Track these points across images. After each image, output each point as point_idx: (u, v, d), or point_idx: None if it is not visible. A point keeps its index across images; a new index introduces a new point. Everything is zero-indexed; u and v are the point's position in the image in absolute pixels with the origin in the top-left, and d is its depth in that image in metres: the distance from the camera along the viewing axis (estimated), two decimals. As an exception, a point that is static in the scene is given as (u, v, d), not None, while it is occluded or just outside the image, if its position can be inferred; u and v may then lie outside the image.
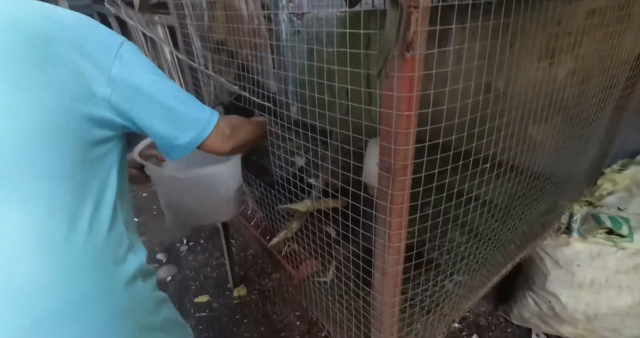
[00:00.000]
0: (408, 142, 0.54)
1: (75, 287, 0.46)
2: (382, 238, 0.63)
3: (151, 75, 0.53)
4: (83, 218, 0.47)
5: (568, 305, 1.15)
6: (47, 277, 0.44)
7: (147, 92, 0.51)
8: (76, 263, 0.46)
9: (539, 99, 0.94)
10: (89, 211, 0.47)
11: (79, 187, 0.46)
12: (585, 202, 1.27)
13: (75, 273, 0.46)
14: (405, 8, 0.43)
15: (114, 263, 0.50)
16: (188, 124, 0.57)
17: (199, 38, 1.25)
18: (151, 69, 0.54)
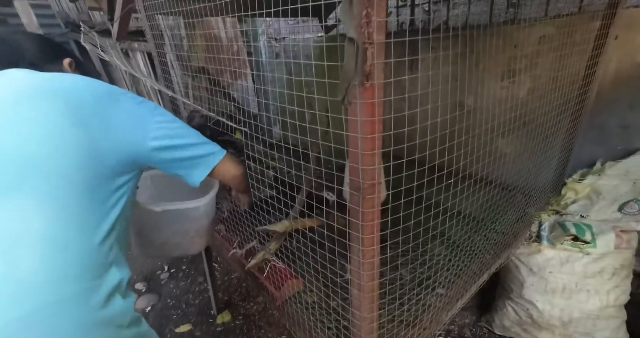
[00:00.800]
0: (374, 162, 0.58)
1: (66, 287, 0.49)
2: (357, 255, 0.65)
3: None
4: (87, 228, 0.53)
5: (544, 312, 1.18)
6: (44, 273, 0.48)
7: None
8: (72, 265, 0.51)
9: (503, 114, 1.02)
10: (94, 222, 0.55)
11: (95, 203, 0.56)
12: (552, 210, 1.34)
13: (69, 273, 0.50)
14: (361, 44, 0.48)
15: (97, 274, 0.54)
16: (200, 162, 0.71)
17: (179, 66, 1.29)
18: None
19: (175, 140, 0.67)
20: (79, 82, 0.61)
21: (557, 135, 1.25)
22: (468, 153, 0.82)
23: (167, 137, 0.66)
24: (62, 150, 0.52)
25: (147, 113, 0.65)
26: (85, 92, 0.59)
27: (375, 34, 0.48)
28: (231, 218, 1.13)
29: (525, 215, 1.25)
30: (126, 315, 0.57)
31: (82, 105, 0.57)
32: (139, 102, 0.65)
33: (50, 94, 0.56)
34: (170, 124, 0.67)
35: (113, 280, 0.56)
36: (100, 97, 0.60)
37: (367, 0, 0.44)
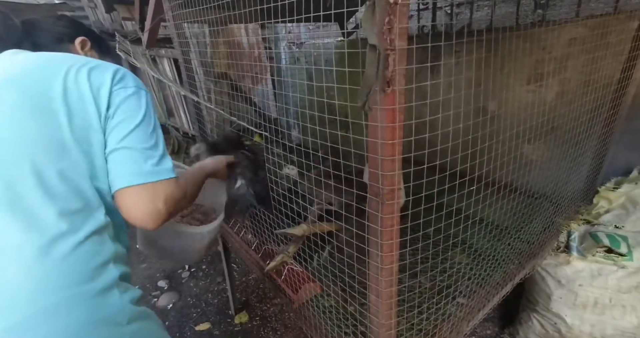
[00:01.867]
0: (394, 168, 0.58)
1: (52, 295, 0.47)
2: (375, 261, 0.65)
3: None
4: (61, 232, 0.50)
5: (574, 327, 1.12)
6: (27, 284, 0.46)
7: None
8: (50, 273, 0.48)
9: (528, 119, 0.98)
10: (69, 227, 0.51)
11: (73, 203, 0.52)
12: (582, 220, 1.27)
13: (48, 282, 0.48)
14: (383, 51, 0.48)
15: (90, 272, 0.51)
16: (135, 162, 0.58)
17: (202, 71, 1.34)
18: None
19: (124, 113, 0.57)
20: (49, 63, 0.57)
21: (588, 141, 1.19)
22: (492, 159, 0.80)
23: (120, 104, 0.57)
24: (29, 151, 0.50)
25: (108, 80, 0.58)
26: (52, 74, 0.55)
27: (397, 40, 0.48)
28: (250, 221, 1.15)
29: (553, 224, 1.20)
30: (124, 311, 0.54)
31: (43, 90, 0.53)
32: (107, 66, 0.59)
33: (6, 84, 0.52)
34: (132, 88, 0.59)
35: (108, 278, 0.53)
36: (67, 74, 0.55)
37: (389, 8, 0.44)
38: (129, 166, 0.55)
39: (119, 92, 0.58)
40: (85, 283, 0.50)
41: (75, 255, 0.50)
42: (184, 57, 1.32)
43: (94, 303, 0.50)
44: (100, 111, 0.56)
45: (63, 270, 0.49)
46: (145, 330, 0.58)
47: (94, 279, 0.51)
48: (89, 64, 0.59)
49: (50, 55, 0.61)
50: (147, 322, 0.59)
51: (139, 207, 0.56)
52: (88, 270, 0.51)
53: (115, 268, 0.55)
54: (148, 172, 0.56)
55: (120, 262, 0.57)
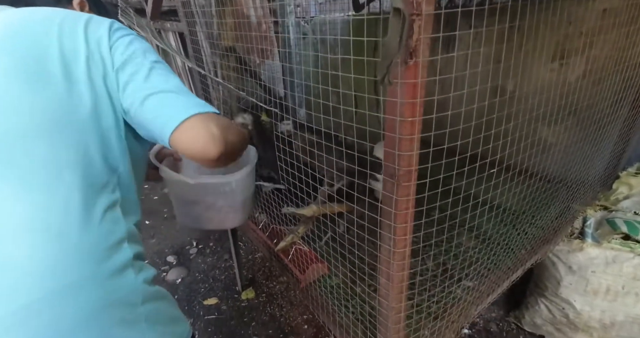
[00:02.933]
0: (412, 148, 0.54)
1: (64, 274, 0.46)
2: (387, 244, 0.63)
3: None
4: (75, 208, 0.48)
5: (583, 312, 1.11)
6: (42, 262, 0.45)
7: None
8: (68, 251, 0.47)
9: (550, 100, 0.92)
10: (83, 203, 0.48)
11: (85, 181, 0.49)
12: (599, 206, 1.23)
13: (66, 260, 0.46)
14: (408, 16, 0.43)
15: (104, 251, 0.49)
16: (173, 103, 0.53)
17: (208, 45, 1.28)
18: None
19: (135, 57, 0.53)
20: (36, 19, 0.51)
21: (613, 124, 1.12)
22: (508, 143, 0.75)
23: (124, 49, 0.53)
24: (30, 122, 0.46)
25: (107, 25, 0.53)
26: (43, 32, 0.49)
27: (424, 4, 0.43)
28: (259, 200, 1.13)
29: (569, 210, 1.16)
30: (138, 291, 0.53)
31: (38, 52, 0.48)
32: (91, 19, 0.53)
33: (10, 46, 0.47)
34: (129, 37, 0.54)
35: (123, 258, 0.51)
36: (61, 32, 0.50)
37: (419, -36, 0.39)
38: (173, 106, 0.52)
39: (119, 42, 0.53)
40: (100, 263, 0.48)
41: (91, 233, 0.48)
42: (189, 28, 1.26)
43: (109, 283, 0.49)
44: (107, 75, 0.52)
45: (78, 250, 0.47)
46: (159, 310, 0.57)
47: (109, 259, 0.49)
48: (82, 17, 0.53)
49: (36, 12, 0.53)
50: (161, 302, 0.58)
51: (198, 137, 0.51)
52: (103, 249, 0.49)
53: (130, 248, 0.53)
54: (193, 104, 0.52)
55: (133, 240, 0.55)
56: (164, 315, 0.58)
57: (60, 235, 0.46)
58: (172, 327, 0.59)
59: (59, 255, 0.46)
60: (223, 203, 0.88)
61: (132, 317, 0.51)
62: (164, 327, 0.57)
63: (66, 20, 0.52)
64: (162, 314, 0.57)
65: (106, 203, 0.51)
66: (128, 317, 0.51)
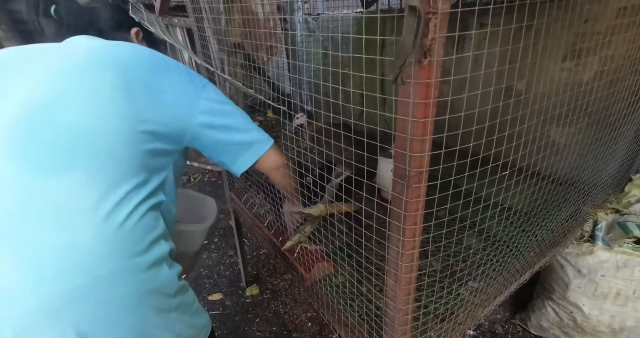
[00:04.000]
0: (424, 149, 0.53)
1: (117, 260, 0.51)
2: (396, 245, 0.62)
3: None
4: (130, 202, 0.53)
5: (591, 317, 1.10)
6: (97, 246, 0.49)
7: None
8: (121, 239, 0.52)
9: (563, 101, 0.90)
10: (137, 198, 0.54)
11: (139, 178, 0.56)
12: (611, 209, 1.21)
13: (118, 247, 0.51)
14: (423, 14, 0.42)
15: (147, 244, 0.55)
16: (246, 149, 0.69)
17: (215, 41, 1.27)
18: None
19: (223, 120, 0.65)
20: (135, 50, 0.60)
21: (627, 126, 1.10)
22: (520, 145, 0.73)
23: (215, 114, 0.64)
24: (109, 124, 0.52)
25: (198, 86, 0.63)
26: (137, 59, 0.58)
27: (440, 2, 0.42)
28: (265, 199, 1.13)
29: (579, 213, 1.14)
30: (172, 284, 0.59)
31: (131, 72, 0.56)
32: (190, 74, 0.64)
33: (105, 64, 0.55)
34: (221, 102, 0.66)
35: (160, 251, 0.57)
36: (151, 66, 0.59)
37: (437, -39, 0.38)
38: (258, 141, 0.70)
39: (211, 103, 0.64)
40: (140, 255, 0.53)
41: (137, 226, 0.54)
42: (197, 25, 1.26)
43: (148, 274, 0.54)
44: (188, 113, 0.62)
45: (125, 239, 0.52)
46: (187, 302, 0.63)
47: (149, 251, 0.55)
48: (175, 65, 0.63)
49: (133, 45, 0.63)
50: (187, 295, 0.64)
51: (279, 159, 0.73)
52: (145, 242, 0.54)
53: (167, 244, 0.59)
54: (268, 139, 0.71)
55: (168, 238, 0.61)
56: (190, 307, 0.65)
57: (114, 224, 0.51)
58: (197, 318, 0.66)
59: (112, 241, 0.51)
60: (183, 249, 0.91)
61: (166, 306, 0.57)
62: (190, 317, 0.63)
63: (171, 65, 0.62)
64: (189, 306, 0.64)
65: (153, 202, 0.58)
66: (162, 306, 0.56)
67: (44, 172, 0.48)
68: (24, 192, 0.48)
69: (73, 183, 0.49)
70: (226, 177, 1.47)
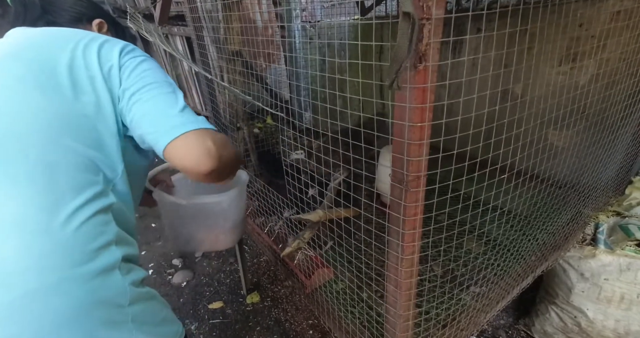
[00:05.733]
0: (421, 153, 0.53)
1: (49, 272, 0.46)
2: (395, 251, 0.61)
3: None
4: (66, 208, 0.49)
5: (596, 321, 1.08)
6: (24, 261, 0.45)
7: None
8: (54, 249, 0.47)
9: (560, 104, 0.91)
10: (74, 203, 0.49)
11: (74, 182, 0.50)
12: (612, 211, 1.20)
13: (51, 258, 0.46)
14: (418, 20, 0.43)
15: (91, 252, 0.50)
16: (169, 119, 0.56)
17: (215, 49, 1.29)
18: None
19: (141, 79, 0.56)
20: (56, 37, 0.56)
21: (625, 129, 1.10)
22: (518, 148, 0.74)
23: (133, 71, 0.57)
24: (33, 124, 0.48)
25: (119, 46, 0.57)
26: (59, 47, 0.54)
27: (434, 8, 0.43)
28: (262, 204, 1.13)
29: (580, 216, 1.14)
30: (125, 293, 0.53)
31: (51, 64, 0.52)
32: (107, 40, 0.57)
33: (14, 57, 0.52)
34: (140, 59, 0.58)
35: (110, 258, 0.51)
36: (75, 49, 0.54)
37: (429, -32, 0.38)
38: (168, 122, 0.54)
39: (129, 63, 0.57)
40: (85, 263, 0.48)
41: (79, 233, 0.49)
42: (196, 33, 1.27)
43: (94, 283, 0.49)
44: (113, 92, 0.55)
45: (64, 248, 0.47)
46: (147, 310, 0.57)
47: (94, 259, 0.50)
48: (98, 39, 0.57)
49: (57, 30, 0.60)
50: (150, 303, 0.58)
51: (192, 151, 0.53)
52: (89, 250, 0.49)
53: (118, 249, 0.53)
54: (189, 122, 0.55)
55: (124, 243, 0.56)
56: (153, 315, 0.59)
57: (48, 233, 0.47)
58: (162, 328, 0.60)
59: (45, 252, 0.46)
60: (213, 224, 0.88)
61: (119, 317, 0.52)
62: (152, 327, 0.58)
63: (83, 40, 0.56)
64: (151, 315, 0.58)
65: (98, 206, 0.52)
66: (115, 318, 0.51)
67: None
68: None
69: (3, 193, 0.45)
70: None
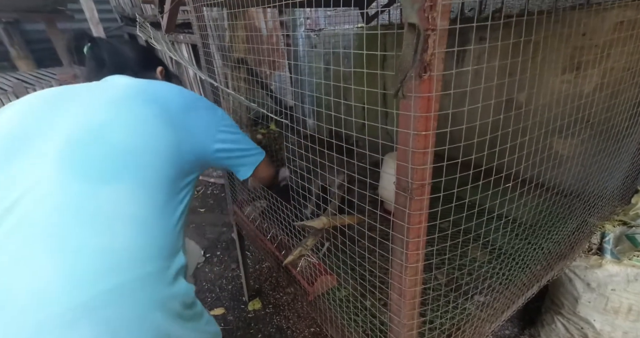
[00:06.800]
0: (426, 162, 0.53)
1: (149, 264, 0.55)
2: (399, 258, 0.61)
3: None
4: (167, 214, 0.61)
5: (603, 333, 1.06)
6: (135, 250, 0.54)
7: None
8: (155, 245, 0.57)
9: (564, 113, 0.91)
10: (171, 210, 0.63)
11: (173, 194, 0.64)
12: (618, 221, 1.19)
13: (152, 252, 0.56)
14: (423, 30, 0.43)
15: (171, 255, 0.60)
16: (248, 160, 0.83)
17: (220, 56, 1.30)
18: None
19: (234, 145, 0.79)
20: (171, 90, 0.72)
21: (631, 138, 1.09)
22: (523, 157, 0.73)
23: (228, 141, 0.77)
24: (154, 147, 0.62)
25: (217, 119, 0.76)
26: (175, 99, 0.70)
27: (439, 19, 0.43)
28: (267, 211, 1.13)
29: (585, 225, 1.12)
30: (189, 295, 0.63)
31: (172, 110, 0.67)
32: (211, 108, 0.76)
33: (148, 99, 0.66)
34: (232, 129, 0.79)
35: (180, 262, 0.62)
36: (185, 104, 0.70)
37: (434, -20, 0.39)
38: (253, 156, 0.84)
39: (225, 134, 0.76)
40: (168, 263, 0.58)
41: (170, 235, 0.60)
42: (202, 41, 1.29)
43: (171, 282, 0.58)
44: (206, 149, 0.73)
45: (158, 247, 0.57)
46: (198, 313, 0.67)
47: (174, 261, 0.60)
48: (201, 101, 0.75)
49: (170, 85, 0.75)
50: (198, 307, 0.68)
51: (268, 170, 0.88)
52: (172, 251, 0.60)
53: (184, 257, 0.64)
54: (261, 152, 0.85)
55: (184, 251, 0.66)
56: (201, 318, 0.68)
57: (152, 233, 0.57)
58: (209, 327, 0.70)
59: (145, 247, 0.55)
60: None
61: (183, 315, 0.60)
62: (203, 325, 0.67)
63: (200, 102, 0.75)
64: (201, 317, 0.68)
65: (179, 215, 0.64)
66: (181, 314, 0.60)
67: (91, 181, 0.53)
68: (70, 198, 0.52)
69: (117, 193, 0.54)
70: (229, 190, 1.47)
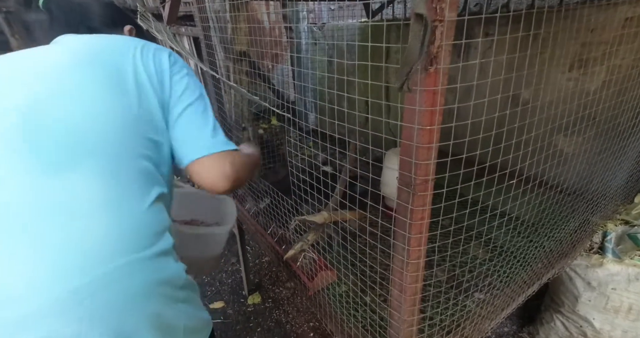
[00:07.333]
0: (430, 157, 0.52)
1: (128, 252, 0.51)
2: (401, 254, 0.61)
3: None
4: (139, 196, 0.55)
5: (602, 331, 1.06)
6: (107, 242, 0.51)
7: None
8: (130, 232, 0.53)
9: (570, 110, 0.89)
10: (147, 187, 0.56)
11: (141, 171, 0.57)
12: (620, 220, 1.18)
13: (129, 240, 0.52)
14: (430, 22, 0.42)
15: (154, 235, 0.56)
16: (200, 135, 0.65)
17: (222, 49, 1.29)
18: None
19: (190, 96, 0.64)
20: (116, 42, 0.62)
21: (636, 136, 1.08)
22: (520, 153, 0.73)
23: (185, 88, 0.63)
24: (107, 123, 0.54)
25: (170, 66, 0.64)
26: (121, 52, 0.59)
27: (447, 10, 0.42)
28: (268, 205, 1.13)
29: (588, 223, 1.12)
30: (180, 277, 0.60)
31: (119, 69, 0.57)
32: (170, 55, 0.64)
33: (88, 62, 0.56)
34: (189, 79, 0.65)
35: (166, 244, 0.57)
36: (135, 55, 0.60)
37: (444, -31, 0.38)
38: (200, 140, 0.63)
39: (177, 76, 0.63)
40: (150, 246, 0.54)
41: (145, 217, 0.55)
42: (204, 33, 1.28)
43: (158, 264, 0.55)
44: (164, 100, 0.61)
45: (137, 231, 0.53)
46: (193, 296, 0.63)
47: (157, 243, 0.56)
48: (150, 45, 0.64)
49: (111, 36, 0.65)
50: (193, 290, 0.63)
51: (212, 171, 0.63)
52: (153, 232, 0.56)
53: (170, 237, 0.59)
54: (218, 143, 0.63)
55: (170, 232, 0.61)
56: (196, 301, 0.65)
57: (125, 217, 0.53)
58: (202, 313, 0.66)
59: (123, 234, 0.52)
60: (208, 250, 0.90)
61: (174, 296, 0.57)
62: (196, 310, 0.63)
63: (138, 46, 0.62)
64: (195, 300, 0.64)
65: (157, 194, 0.58)
66: (172, 296, 0.57)
67: (46, 172, 0.49)
68: (30, 192, 0.49)
69: (76, 182, 0.50)
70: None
